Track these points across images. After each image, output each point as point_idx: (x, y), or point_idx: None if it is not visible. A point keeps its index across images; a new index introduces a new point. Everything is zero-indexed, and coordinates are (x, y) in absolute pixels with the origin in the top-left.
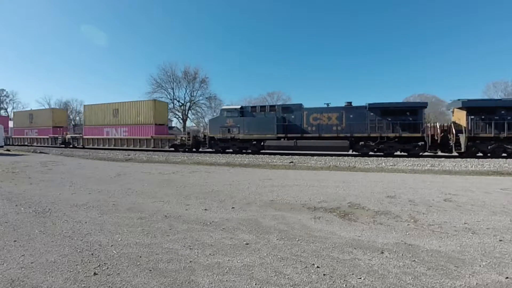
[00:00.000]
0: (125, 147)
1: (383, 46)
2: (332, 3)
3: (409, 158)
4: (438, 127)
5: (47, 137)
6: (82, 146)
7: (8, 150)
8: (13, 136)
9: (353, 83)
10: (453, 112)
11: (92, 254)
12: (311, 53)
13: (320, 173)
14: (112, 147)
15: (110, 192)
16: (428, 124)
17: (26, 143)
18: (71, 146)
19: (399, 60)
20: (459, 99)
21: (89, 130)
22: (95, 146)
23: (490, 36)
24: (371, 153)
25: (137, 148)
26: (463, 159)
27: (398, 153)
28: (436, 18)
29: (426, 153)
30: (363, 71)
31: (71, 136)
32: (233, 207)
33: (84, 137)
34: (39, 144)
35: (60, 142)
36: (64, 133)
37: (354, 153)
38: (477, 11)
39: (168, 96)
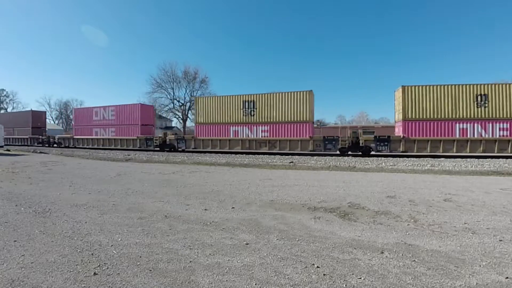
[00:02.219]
0: None
1: (383, 47)
2: (332, 5)
3: (409, 158)
4: None
5: (306, 138)
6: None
7: (8, 150)
8: (197, 138)
9: (352, 83)
10: None
11: (92, 254)
12: (310, 53)
13: (320, 173)
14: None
15: (110, 192)
16: None
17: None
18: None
19: (400, 60)
20: None
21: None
22: None
23: (491, 37)
24: (372, 152)
25: None
26: (463, 159)
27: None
28: (436, 21)
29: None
30: (363, 71)
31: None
32: (233, 207)
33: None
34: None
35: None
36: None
37: (354, 153)
38: (478, 12)
39: (168, 96)
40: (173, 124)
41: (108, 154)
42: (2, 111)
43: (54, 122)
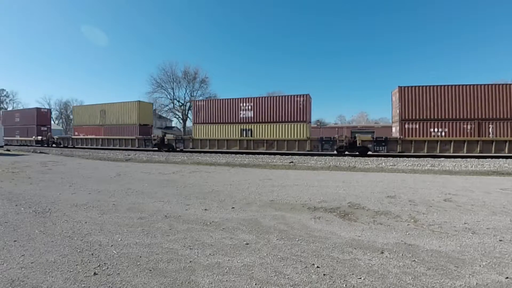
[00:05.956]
0: None
1: (383, 47)
2: (330, 6)
3: (409, 158)
4: None
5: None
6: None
7: (8, 150)
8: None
9: (351, 83)
10: None
11: (92, 254)
12: (310, 53)
13: (320, 173)
14: None
15: (110, 192)
16: None
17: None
18: None
19: (399, 61)
20: None
21: None
22: None
23: (491, 38)
24: (369, 152)
25: None
26: (463, 159)
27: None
28: (436, 21)
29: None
30: (363, 72)
31: None
32: (233, 207)
33: None
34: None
35: None
36: None
37: (353, 153)
38: (478, 13)
39: (168, 96)
40: (173, 124)
41: (108, 154)
42: (2, 111)
43: (54, 122)
